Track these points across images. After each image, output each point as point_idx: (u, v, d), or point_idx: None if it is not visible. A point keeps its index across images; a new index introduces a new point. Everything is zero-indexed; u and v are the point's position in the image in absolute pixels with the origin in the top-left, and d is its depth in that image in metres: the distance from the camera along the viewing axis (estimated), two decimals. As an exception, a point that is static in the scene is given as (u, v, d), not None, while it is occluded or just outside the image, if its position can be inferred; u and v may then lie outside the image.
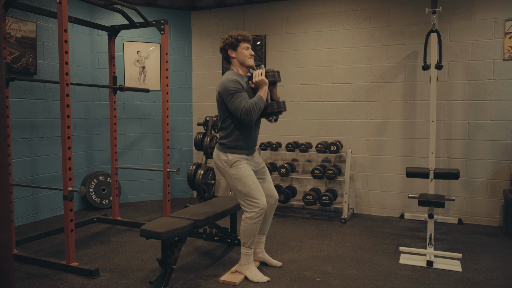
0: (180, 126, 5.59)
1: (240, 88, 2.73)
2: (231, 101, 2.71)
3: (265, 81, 2.79)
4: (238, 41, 2.85)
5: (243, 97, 2.71)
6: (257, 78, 2.79)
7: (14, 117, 4.10)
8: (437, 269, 3.07)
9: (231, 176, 2.83)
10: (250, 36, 2.92)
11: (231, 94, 2.71)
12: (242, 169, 2.81)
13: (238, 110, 2.69)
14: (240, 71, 2.90)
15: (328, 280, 2.89)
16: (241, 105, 2.68)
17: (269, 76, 2.83)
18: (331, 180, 4.76)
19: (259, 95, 2.76)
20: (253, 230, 2.81)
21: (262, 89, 2.79)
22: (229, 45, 2.86)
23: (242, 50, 2.86)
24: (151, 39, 5.29)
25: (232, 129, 2.82)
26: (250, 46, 2.90)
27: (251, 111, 2.68)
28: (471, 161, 4.33)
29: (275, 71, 2.87)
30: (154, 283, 2.61)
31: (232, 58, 2.89)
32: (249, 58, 2.88)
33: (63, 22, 2.87)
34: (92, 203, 4.95)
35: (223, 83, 2.74)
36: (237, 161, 2.82)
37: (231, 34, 2.87)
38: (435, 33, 3.74)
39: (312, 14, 4.91)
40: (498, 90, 4.19)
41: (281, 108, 2.87)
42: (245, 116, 2.69)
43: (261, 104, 2.75)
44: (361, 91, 4.73)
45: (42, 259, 3.14)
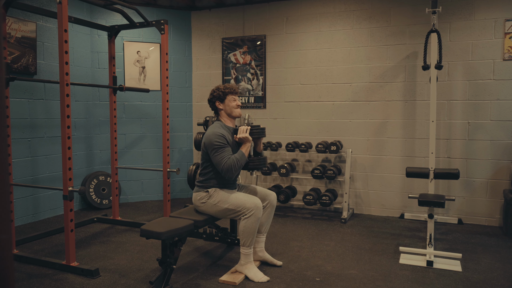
0: (180, 126, 5.59)
1: (224, 143, 2.84)
2: (215, 155, 2.83)
3: (249, 138, 2.91)
4: (225, 94, 3.01)
5: (226, 153, 2.83)
6: (241, 134, 2.90)
7: (14, 117, 4.10)
8: (437, 269, 3.07)
9: (213, 204, 2.92)
10: (237, 88, 3.09)
11: (215, 148, 2.83)
12: (220, 193, 2.92)
13: (220, 165, 2.81)
14: (227, 122, 3.04)
15: (328, 280, 2.89)
16: (223, 161, 2.79)
17: (253, 134, 2.97)
18: (331, 180, 4.76)
19: (241, 152, 2.87)
20: (252, 229, 2.82)
21: (245, 146, 2.91)
22: (216, 98, 3.03)
23: (229, 102, 3.02)
24: (151, 39, 5.29)
25: (211, 176, 2.96)
26: (237, 98, 3.06)
27: (232, 168, 2.80)
28: (471, 161, 4.33)
29: (261, 128, 3.00)
30: (154, 283, 2.61)
31: (220, 109, 3.05)
32: (236, 108, 3.03)
33: (63, 22, 2.87)
34: (92, 203, 4.95)
35: (209, 136, 2.87)
36: (214, 191, 2.93)
37: (218, 87, 3.04)
38: (435, 33, 3.74)
39: (312, 14, 4.91)
40: (498, 90, 4.19)
41: (261, 165, 3.03)
42: (226, 172, 2.81)
43: (242, 161, 2.86)
44: (361, 91, 4.73)
45: (42, 259, 3.14)
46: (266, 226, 3.11)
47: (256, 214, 2.80)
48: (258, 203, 2.82)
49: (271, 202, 3.09)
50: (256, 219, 2.80)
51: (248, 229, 2.82)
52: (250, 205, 2.80)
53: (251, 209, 2.80)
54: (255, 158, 3.02)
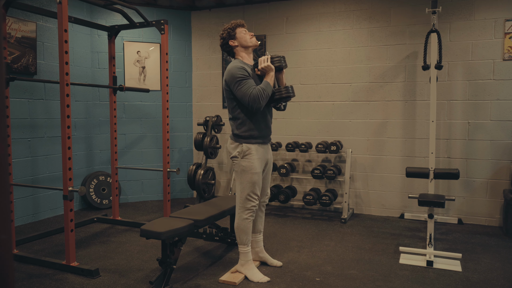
0: (180, 126, 5.59)
1: (246, 75, 2.70)
2: (238, 88, 2.68)
3: (271, 67, 2.76)
4: (234, 29, 2.86)
5: (250, 84, 2.68)
6: (263, 64, 2.76)
7: (14, 117, 4.10)
8: (437, 269, 3.07)
9: (240, 166, 2.80)
10: (243, 21, 2.92)
11: (238, 81, 2.68)
12: (253, 164, 2.79)
13: (245, 97, 2.66)
14: (245, 58, 2.88)
15: (328, 280, 2.89)
16: (249, 92, 2.65)
17: (275, 62, 2.79)
18: (331, 180, 4.76)
19: (266, 81, 2.73)
20: (246, 226, 2.85)
21: (269, 75, 2.75)
22: (227, 37, 2.86)
23: (240, 35, 2.86)
24: (151, 39, 5.29)
25: (244, 119, 2.78)
26: (246, 30, 2.90)
27: (259, 97, 2.65)
28: (471, 161, 4.33)
29: (281, 56, 2.83)
30: (154, 283, 2.61)
31: (235, 47, 2.88)
32: (251, 38, 2.87)
33: (63, 22, 2.87)
34: (92, 203, 4.95)
35: (230, 70, 2.73)
36: (250, 154, 2.78)
37: (224, 27, 2.89)
38: (435, 33, 3.74)
39: (312, 14, 4.91)
40: (498, 90, 4.19)
41: (289, 93, 2.80)
42: (253, 103, 2.65)
43: (268, 90, 2.71)
44: (361, 91, 4.73)
45: (42, 259, 3.14)
46: (259, 225, 3.13)
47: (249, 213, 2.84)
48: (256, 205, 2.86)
49: (264, 199, 3.10)
50: (249, 216, 2.85)
51: (242, 226, 2.85)
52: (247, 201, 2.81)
53: (250, 202, 2.82)
54: (281, 88, 2.81)
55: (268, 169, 3.04)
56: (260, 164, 2.85)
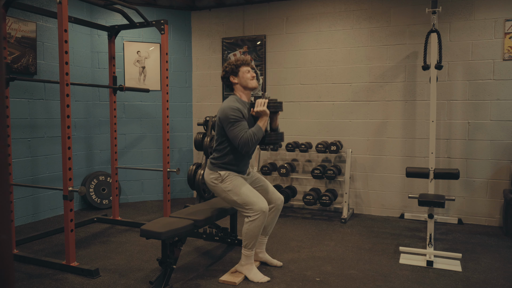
0: (180, 126, 5.59)
1: (240, 117, 2.74)
2: (230, 129, 2.74)
3: (267, 112, 2.80)
4: (238, 66, 2.89)
5: (242, 127, 2.73)
6: (258, 108, 2.80)
7: (14, 117, 4.10)
8: (437, 269, 3.07)
9: (224, 190, 2.84)
10: (249, 59, 2.97)
11: (230, 122, 2.73)
12: (234, 181, 2.83)
13: (236, 139, 2.72)
14: (243, 96, 2.92)
15: (328, 280, 2.89)
16: (240, 135, 2.71)
17: (271, 107, 2.85)
18: (331, 180, 4.76)
19: (259, 126, 2.78)
20: (256, 233, 2.80)
21: (262, 120, 2.80)
22: (230, 72, 2.90)
23: (243, 74, 2.89)
24: (151, 39, 5.29)
25: (226, 153, 2.85)
26: (250, 69, 2.92)
27: (249, 141, 2.71)
28: (471, 161, 4.33)
29: (278, 102, 2.88)
30: (154, 283, 2.61)
31: (234, 84, 2.92)
32: (251, 80, 2.90)
33: (63, 22, 2.87)
34: (92, 203, 4.95)
35: (224, 109, 2.76)
36: (228, 176, 2.84)
37: (229, 62, 2.93)
38: (435, 33, 3.74)
39: (312, 14, 4.91)
40: (498, 90, 4.19)
41: (278, 140, 2.92)
42: (242, 146, 2.72)
43: (259, 135, 2.77)
44: (361, 91, 4.73)
45: (42, 259, 3.14)
46: (269, 229, 3.09)
47: (261, 219, 2.76)
48: (266, 209, 2.77)
49: (278, 206, 3.05)
50: (261, 223, 2.77)
51: (251, 232, 2.79)
52: (257, 208, 2.74)
53: (257, 213, 2.75)
54: (271, 133, 2.91)
55: (259, 179, 3.07)
56: (242, 178, 2.89)
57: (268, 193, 3.04)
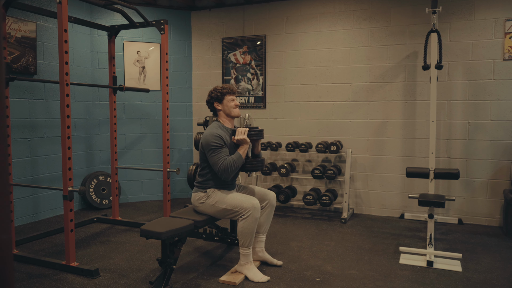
0: (180, 126, 5.59)
1: (221, 144, 2.84)
2: (211, 155, 2.84)
3: (247, 140, 2.90)
4: (223, 94, 3.01)
5: (222, 154, 2.83)
6: (239, 136, 2.89)
7: (14, 117, 4.09)
8: (437, 269, 3.07)
9: (210, 204, 2.93)
10: (235, 89, 3.09)
11: (212, 149, 2.83)
12: (219, 193, 2.93)
13: (216, 166, 2.82)
14: (226, 123, 3.04)
15: (328, 280, 2.89)
16: (220, 162, 2.80)
17: (251, 135, 2.94)
18: (331, 180, 4.76)
19: (239, 154, 2.87)
20: (250, 230, 2.82)
21: (243, 147, 2.90)
22: (215, 99, 3.02)
23: (227, 102, 3.01)
24: (151, 39, 5.29)
25: (209, 178, 2.96)
26: (235, 98, 3.06)
27: (228, 169, 2.80)
28: (471, 161, 4.33)
29: (259, 130, 2.97)
30: (154, 283, 2.61)
31: (218, 110, 3.04)
32: (234, 108, 3.02)
33: (63, 22, 2.87)
34: (92, 203, 4.95)
35: (206, 136, 2.87)
36: (213, 192, 2.94)
37: (215, 88, 3.03)
38: (435, 33, 3.74)
39: (312, 14, 4.91)
40: (498, 90, 4.19)
41: (259, 167, 3.00)
42: (222, 173, 2.81)
43: (239, 162, 2.86)
44: (361, 91, 4.73)
45: (42, 259, 3.14)
46: (265, 226, 3.11)
47: (253, 215, 2.79)
48: (256, 203, 2.82)
49: (271, 202, 3.08)
50: (254, 219, 2.80)
51: (246, 229, 2.82)
52: (247, 205, 2.80)
53: (248, 210, 2.80)
54: (252, 160, 3.00)
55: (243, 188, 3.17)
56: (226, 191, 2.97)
57: (255, 194, 3.11)
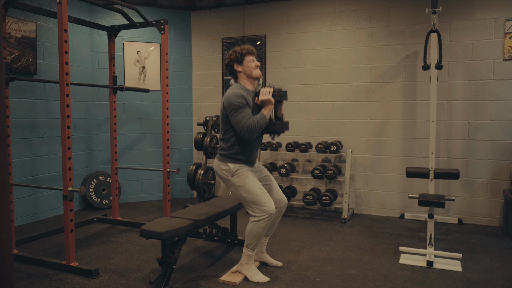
0: (180, 126, 5.59)
1: (244, 103, 2.72)
2: (234, 115, 2.71)
3: (271, 100, 2.78)
4: (243, 55, 2.86)
5: (246, 113, 2.70)
6: (263, 96, 2.78)
7: (14, 117, 4.09)
8: (437, 269, 3.07)
9: (234, 185, 2.82)
10: (254, 49, 2.93)
11: (234, 108, 2.71)
12: (245, 176, 2.80)
13: (239, 126, 2.70)
14: (247, 85, 2.90)
15: (328, 280, 2.89)
16: (243, 122, 2.68)
17: (275, 96, 2.82)
18: (331, 180, 4.76)
19: (263, 114, 2.76)
20: (259, 233, 2.79)
21: (267, 108, 2.78)
22: (234, 60, 2.87)
23: (247, 63, 2.87)
24: (151, 39, 5.29)
25: (233, 142, 2.82)
26: (255, 59, 2.91)
27: (252, 129, 2.68)
28: (471, 161, 4.33)
29: (283, 91, 2.86)
30: (154, 283, 2.61)
31: (238, 72, 2.90)
32: (255, 69, 2.88)
33: (63, 22, 2.87)
34: (92, 203, 4.95)
35: (228, 96, 2.74)
36: (238, 170, 2.81)
37: (235, 50, 2.89)
38: (435, 33, 3.74)
39: (312, 14, 4.91)
40: (498, 90, 4.19)
41: (283, 128, 2.88)
42: (245, 133, 2.70)
43: (263, 122, 2.74)
44: (361, 91, 4.73)
45: (42, 259, 3.14)
46: (271, 230, 3.09)
47: (266, 221, 2.75)
48: (273, 211, 2.76)
49: (281, 209, 3.03)
50: (265, 225, 2.77)
51: (255, 232, 2.78)
52: (265, 210, 2.73)
53: (264, 215, 2.74)
54: (276, 121, 2.87)
55: (267, 178, 3.04)
56: (253, 174, 2.87)
57: (272, 194, 3.02)
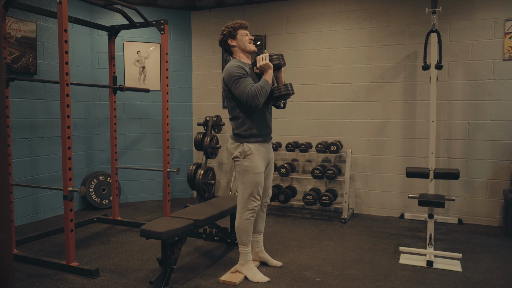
0: (180, 126, 5.59)
1: (244, 73, 2.70)
2: (236, 86, 2.67)
3: (270, 65, 2.75)
4: (236, 29, 2.84)
5: (248, 82, 2.67)
6: (261, 62, 2.75)
7: (14, 117, 4.09)
8: (437, 269, 3.07)
9: (242, 167, 2.80)
10: (247, 23, 2.91)
11: (235, 79, 2.67)
12: (255, 164, 2.78)
13: (243, 95, 2.65)
14: (243, 58, 2.87)
15: (328, 280, 2.89)
16: (247, 90, 2.64)
17: (273, 60, 2.78)
18: (331, 180, 4.76)
19: (265, 79, 2.72)
20: (247, 227, 2.84)
21: (267, 73, 2.74)
22: (228, 35, 2.85)
23: (241, 37, 2.85)
24: (151, 39, 5.29)
25: (244, 118, 2.78)
26: (248, 32, 2.89)
27: (257, 94, 2.63)
28: (471, 161, 4.33)
29: (279, 54, 2.82)
30: (154, 283, 2.61)
31: (233, 47, 2.87)
32: (249, 42, 2.86)
33: (63, 22, 2.87)
34: (92, 203, 4.95)
35: (228, 69, 2.72)
36: (252, 154, 2.78)
37: (227, 25, 2.87)
38: (435, 33, 3.74)
39: (312, 14, 4.91)
40: (498, 90, 4.19)
41: (288, 90, 2.78)
42: (251, 101, 2.63)
43: (267, 87, 2.70)
44: (361, 91, 4.73)
45: (42, 259, 3.14)
46: (260, 225, 3.12)
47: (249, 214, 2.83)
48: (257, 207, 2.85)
49: (264, 203, 3.08)
50: (250, 218, 2.84)
51: (243, 226, 2.84)
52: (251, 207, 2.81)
53: (253, 203, 2.81)
54: (280, 85, 2.80)
55: (270, 169, 3.02)
56: (263, 163, 2.85)
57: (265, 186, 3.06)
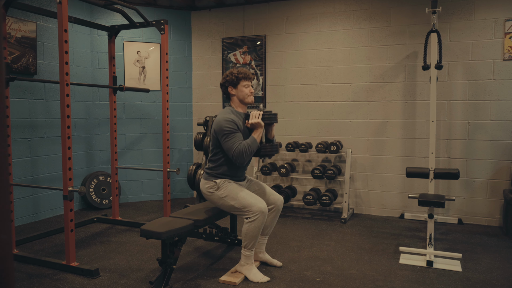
0: (180, 126, 5.59)
1: (235, 128, 2.76)
2: (225, 140, 2.75)
3: (261, 124, 2.83)
4: (239, 79, 2.88)
5: (236, 139, 2.75)
6: (253, 120, 2.82)
7: (14, 117, 4.10)
8: (437, 269, 3.07)
9: (220, 197, 2.86)
10: (251, 74, 2.95)
11: (225, 134, 2.75)
12: (229, 187, 2.85)
13: (230, 151, 2.74)
14: (239, 109, 2.94)
15: (328, 280, 2.89)
16: (234, 147, 2.72)
17: (265, 119, 2.87)
18: (331, 180, 4.76)
19: (253, 138, 2.79)
20: (255, 233, 2.80)
21: (257, 131, 2.82)
22: (229, 82, 2.90)
23: (242, 88, 2.89)
24: (151, 39, 5.29)
25: (221, 163, 2.88)
26: (250, 84, 2.93)
27: (243, 153, 2.72)
28: (471, 161, 4.33)
29: (273, 113, 2.89)
30: (154, 283, 2.61)
31: (232, 95, 2.93)
32: (249, 95, 2.91)
33: (63, 22, 2.87)
34: (92, 203, 4.95)
35: (219, 122, 2.78)
36: (223, 183, 2.86)
37: (231, 71, 2.91)
38: (435, 33, 3.74)
39: (312, 14, 4.91)
40: (498, 90, 4.19)
41: (274, 151, 2.92)
42: (236, 158, 2.74)
43: (253, 146, 2.78)
44: (361, 91, 4.73)
45: (42, 259, 3.14)
46: (269, 229, 3.09)
47: (260, 219, 2.76)
48: (264, 209, 2.77)
49: (277, 206, 3.04)
50: (260, 224, 2.77)
51: (251, 232, 2.79)
52: (256, 209, 2.74)
53: (256, 214, 2.75)
54: (267, 144, 2.92)
55: (254, 183, 3.09)
56: (237, 184, 2.90)
57: (265, 195, 3.04)
